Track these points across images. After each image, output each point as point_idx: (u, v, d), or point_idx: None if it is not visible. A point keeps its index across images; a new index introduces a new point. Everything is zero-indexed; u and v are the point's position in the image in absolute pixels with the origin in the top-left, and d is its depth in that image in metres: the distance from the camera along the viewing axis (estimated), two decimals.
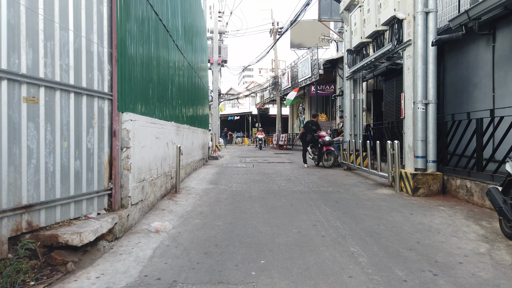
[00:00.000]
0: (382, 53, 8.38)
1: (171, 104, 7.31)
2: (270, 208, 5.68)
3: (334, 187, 7.59)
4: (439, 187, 6.63)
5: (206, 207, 5.76)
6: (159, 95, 6.22)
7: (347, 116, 11.07)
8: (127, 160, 4.50)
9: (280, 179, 8.84)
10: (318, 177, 9.11)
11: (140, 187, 4.96)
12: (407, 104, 7.09)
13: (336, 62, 22.28)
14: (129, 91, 4.66)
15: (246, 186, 7.69)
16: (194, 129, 10.37)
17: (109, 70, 4.34)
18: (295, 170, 10.89)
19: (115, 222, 4.07)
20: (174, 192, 6.93)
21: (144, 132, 5.17)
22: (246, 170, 10.74)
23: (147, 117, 5.36)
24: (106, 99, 4.28)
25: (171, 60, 7.29)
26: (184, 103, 8.92)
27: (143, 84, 5.26)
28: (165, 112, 6.67)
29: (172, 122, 7.24)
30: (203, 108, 13.22)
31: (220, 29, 22.99)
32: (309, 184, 7.97)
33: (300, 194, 6.83)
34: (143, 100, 5.25)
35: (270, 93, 34.54)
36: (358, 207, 5.76)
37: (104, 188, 4.27)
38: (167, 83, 6.93)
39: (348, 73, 10.92)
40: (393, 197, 6.58)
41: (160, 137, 6.08)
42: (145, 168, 5.23)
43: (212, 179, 8.88)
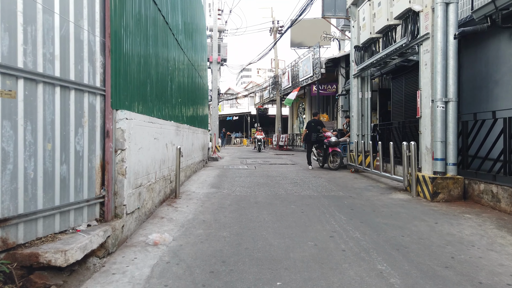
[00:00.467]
0: (395, 49, 7.90)
1: (171, 102, 6.81)
2: (279, 215, 5.18)
3: (345, 191, 7.09)
4: (460, 192, 6.14)
5: (209, 214, 5.25)
6: (158, 92, 5.72)
7: (354, 116, 10.59)
8: (122, 163, 3.99)
9: (285, 182, 8.34)
10: (326, 180, 8.62)
11: (137, 193, 4.45)
12: (424, 103, 6.60)
13: (339, 61, 21.81)
14: (124, 87, 4.16)
15: (251, 190, 7.19)
16: (194, 129, 9.87)
17: (101, 62, 3.83)
18: (300, 172, 10.39)
19: (108, 235, 3.56)
20: (173, 197, 6.42)
21: (141, 132, 4.66)
22: (249, 173, 10.24)
23: (144, 115, 4.85)
24: (98, 94, 3.78)
25: (171, 55, 6.79)
26: (184, 102, 8.41)
27: (140, 80, 4.75)
28: (164, 110, 6.16)
29: (172, 122, 6.74)
30: (203, 107, 12.71)
31: (219, 27, 22.49)
32: (318, 188, 7.48)
33: (310, 199, 6.33)
34: (140, 97, 4.74)
35: (269, 93, 34.06)
36: (375, 214, 5.26)
37: (96, 196, 3.76)
38: (167, 79, 6.43)
39: (356, 70, 10.43)
40: (410, 202, 6.09)
41: (158, 137, 5.58)
42: (142, 172, 4.73)
43: (214, 182, 8.38)
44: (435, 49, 6.24)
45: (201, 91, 12.27)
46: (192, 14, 9.74)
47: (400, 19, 7.66)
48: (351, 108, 10.91)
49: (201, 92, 12.26)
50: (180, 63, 7.86)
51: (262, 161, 14.47)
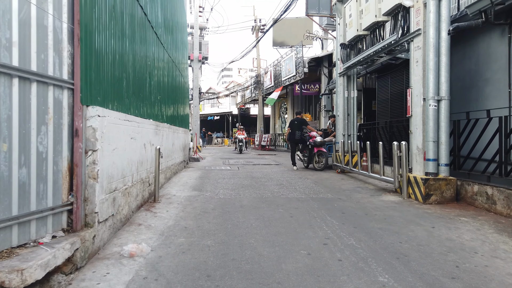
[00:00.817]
0: (383, 46, 7.67)
1: (149, 99, 6.36)
2: (267, 221, 4.83)
3: (333, 193, 6.81)
4: (452, 194, 5.94)
5: (192, 220, 4.86)
6: (135, 88, 5.28)
7: (340, 115, 10.35)
8: (94, 166, 3.56)
9: (271, 184, 8.00)
10: (313, 182, 8.32)
11: (111, 199, 4.02)
12: (415, 101, 6.38)
13: (321, 61, 21.65)
14: (96, 80, 3.72)
15: (235, 193, 6.81)
16: (174, 128, 9.42)
17: (69, 51, 3.39)
18: (285, 173, 10.08)
19: (76, 247, 3.13)
20: (152, 201, 5.99)
21: (116, 131, 4.23)
22: (232, 174, 9.85)
23: (120, 113, 4.41)
24: (65, 88, 3.33)
25: (150, 49, 6.35)
26: (164, 100, 7.97)
27: (115, 74, 4.31)
28: (142, 108, 5.72)
29: (151, 120, 6.30)
30: (184, 106, 12.25)
31: (201, 25, 21.99)
32: (305, 190, 7.17)
33: (298, 202, 6.01)
34: (115, 92, 4.30)
35: (251, 93, 33.72)
36: (368, 218, 4.98)
37: (63, 203, 3.31)
38: (145, 75, 5.99)
39: (342, 69, 10.19)
40: (402, 205, 5.84)
41: (136, 137, 5.14)
42: (118, 175, 4.29)
43: (196, 184, 7.96)
44: (427, 46, 6.02)
45: (182, 89, 11.81)
46: (172, 9, 9.30)
47: (389, 15, 7.43)
48: (336, 108, 10.67)
49: (182, 90, 11.81)
50: (160, 58, 7.41)
51: (245, 162, 14.10)
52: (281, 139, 26.02)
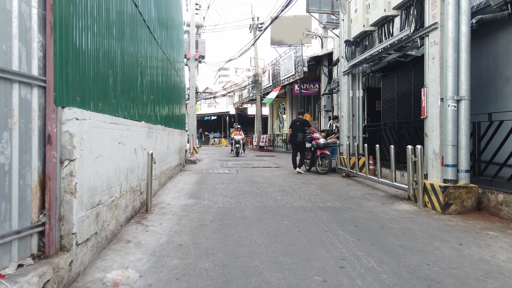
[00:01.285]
0: (393, 42, 7.14)
1: (141, 100, 5.81)
2: (272, 236, 4.29)
3: (341, 201, 6.28)
4: (473, 203, 5.42)
5: (187, 235, 4.31)
6: (124, 87, 4.72)
7: (345, 116, 9.83)
8: (71, 178, 3.00)
9: (273, 190, 7.46)
10: (317, 187, 7.79)
11: (93, 215, 3.47)
12: (431, 101, 5.86)
13: (321, 60, 21.14)
14: (75, 77, 3.17)
15: (235, 201, 6.27)
16: (169, 130, 8.86)
17: (40, 42, 2.84)
18: (287, 177, 9.54)
19: (47, 279, 2.58)
20: (144, 211, 5.44)
21: (101, 136, 3.68)
22: (231, 178, 9.31)
23: (105, 115, 3.86)
24: (35, 86, 2.79)
25: (141, 44, 5.79)
26: (158, 100, 7.41)
27: (99, 69, 3.76)
28: (132, 109, 5.17)
29: (142, 122, 5.74)
30: (180, 106, 11.69)
31: (197, 22, 21.40)
32: (310, 197, 6.64)
33: (305, 212, 5.48)
34: (99, 92, 3.75)
35: (249, 92, 33.20)
36: (385, 232, 4.45)
37: (32, 225, 2.77)
38: (136, 72, 5.43)
39: (346, 67, 9.67)
40: (420, 216, 5.32)
41: (125, 142, 4.59)
42: (102, 187, 3.74)
43: (192, 190, 7.41)
44: (446, 41, 5.50)
45: (178, 88, 11.25)
46: (167, 3, 8.73)
47: (400, 9, 6.92)
48: (340, 108, 10.15)
49: (178, 90, 11.25)
50: (153, 55, 6.86)
51: (243, 164, 13.56)
52: (280, 140, 25.51)
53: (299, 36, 23.65)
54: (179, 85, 11.66)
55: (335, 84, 14.16)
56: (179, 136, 11.10)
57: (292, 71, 21.78)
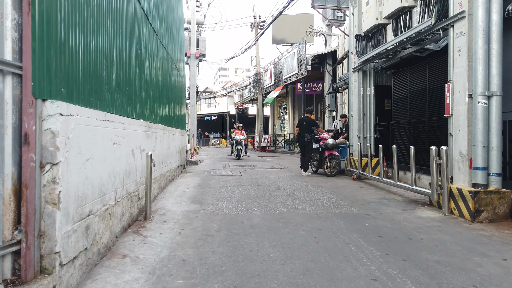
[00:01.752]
0: (411, 35, 6.64)
1: (139, 96, 5.30)
2: (288, 249, 3.78)
3: (358, 207, 5.77)
4: (506, 210, 4.92)
5: (191, 248, 3.80)
6: (120, 80, 4.21)
7: (355, 115, 9.32)
8: (53, 186, 2.50)
9: (282, 194, 6.95)
10: (328, 191, 7.28)
11: (82, 228, 2.96)
12: (457, 98, 5.35)
13: (325, 58, 20.64)
14: (59, 64, 2.66)
15: (242, 207, 5.76)
16: (170, 130, 8.35)
17: (16, 21, 2.33)
18: (294, 179, 9.03)
19: None
20: (143, 219, 4.92)
21: (92, 136, 3.17)
22: (235, 180, 8.79)
23: (97, 111, 3.35)
24: (8, 74, 2.28)
25: (140, 34, 5.29)
26: (158, 97, 6.90)
27: (90, 58, 3.25)
28: (129, 106, 4.66)
29: (141, 121, 5.23)
30: (180, 105, 11.18)
31: (198, 20, 20.89)
32: (323, 202, 6.13)
33: (320, 220, 4.97)
34: (90, 83, 3.24)
35: (250, 92, 32.71)
36: (415, 245, 3.94)
37: (4, 244, 2.26)
38: (133, 65, 4.92)
39: (356, 63, 9.17)
40: (448, 224, 4.81)
41: (121, 142, 4.08)
42: (94, 194, 3.23)
43: (195, 194, 6.89)
44: (475, 31, 4.99)
45: (179, 86, 10.74)
46: None
47: None
48: (350, 107, 9.65)
49: (179, 88, 10.74)
50: (153, 49, 6.35)
51: (247, 165, 13.04)
52: (282, 140, 25.01)
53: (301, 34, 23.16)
54: (180, 83, 11.15)
55: (342, 82, 13.66)
56: (180, 136, 10.59)
57: (295, 69, 21.28)
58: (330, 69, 20.50)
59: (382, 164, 7.35)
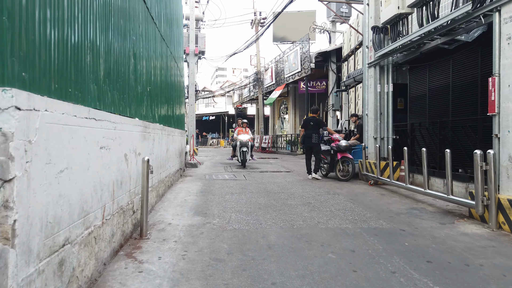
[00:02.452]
0: (443, 24, 5.88)
1: (134, 90, 4.51)
2: (319, 280, 2.99)
3: (387, 220, 5.00)
4: None
5: (198, 280, 3.01)
6: (110, 69, 3.43)
7: (370, 114, 8.56)
8: (4, 213, 1.71)
9: (295, 202, 6.16)
10: (347, 199, 6.51)
11: (53, 265, 2.17)
12: (505, 94, 4.60)
13: (329, 56, 19.91)
14: (19, 38, 1.86)
15: (253, 220, 4.97)
16: (169, 130, 7.55)
17: None
18: (304, 185, 8.25)
19: None
20: (138, 236, 4.13)
21: (69, 138, 2.38)
22: (240, 186, 8.00)
23: (78, 106, 2.56)
24: None
25: (135, 18, 4.50)
26: (156, 93, 6.11)
27: (68, 35, 2.45)
28: (123, 101, 3.87)
29: (136, 120, 4.44)
30: (180, 103, 10.38)
31: (197, 16, 20.08)
32: (345, 214, 5.35)
33: (349, 237, 4.19)
34: (67, 69, 2.45)
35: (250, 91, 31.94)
36: (477, 275, 3.16)
37: None
38: (127, 54, 4.13)
39: (373, 58, 8.40)
40: (502, 243, 4.03)
41: (110, 145, 3.28)
42: (71, 216, 2.44)
43: (197, 203, 6.10)
44: None
45: (178, 83, 9.95)
46: None
47: None
48: (365, 105, 8.88)
49: (178, 85, 9.94)
50: (150, 37, 5.56)
51: (250, 168, 12.25)
52: (284, 141, 24.24)
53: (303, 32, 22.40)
54: (179, 80, 10.35)
55: (351, 79, 12.89)
56: (180, 137, 9.79)
57: (298, 67, 20.52)
58: (334, 67, 19.76)
59: (408, 169, 6.57)
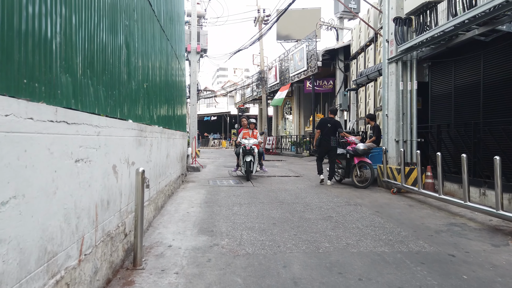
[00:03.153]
0: (484, 11, 5.10)
1: (127, 86, 3.74)
2: None
3: (427, 240, 4.21)
4: None
5: None
6: (92, 59, 2.65)
7: (391, 115, 7.77)
8: None
9: (314, 216, 5.38)
10: (372, 211, 5.72)
11: None
12: None
13: (336, 54, 19.12)
14: None
15: (269, 240, 4.19)
16: (170, 132, 6.78)
17: None
18: (319, 192, 7.46)
19: None
20: (130, 266, 3.35)
21: (17, 152, 1.60)
22: (249, 195, 7.22)
23: (38, 104, 1.78)
24: None
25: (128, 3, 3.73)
26: (155, 90, 5.34)
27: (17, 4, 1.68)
28: (109, 99, 3.09)
29: (129, 122, 3.67)
30: (181, 103, 9.60)
31: (199, 12, 19.32)
32: (376, 231, 4.56)
33: (389, 266, 3.40)
34: (19, 50, 1.67)
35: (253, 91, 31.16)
36: None
37: None
38: (117, 40, 3.36)
39: (395, 52, 7.61)
40: None
41: (92, 156, 2.51)
42: (23, 268, 1.65)
43: (202, 217, 5.32)
44: None
45: (180, 81, 9.17)
46: None
47: None
48: (384, 105, 8.10)
49: (180, 82, 9.17)
50: (146, 24, 4.78)
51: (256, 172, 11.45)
52: (289, 142, 23.46)
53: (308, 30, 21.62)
54: (181, 78, 9.57)
55: (364, 77, 12.11)
56: (181, 139, 9.02)
57: (304, 66, 19.73)
58: (342, 65, 18.98)
59: (442, 177, 5.77)
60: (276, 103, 23.12)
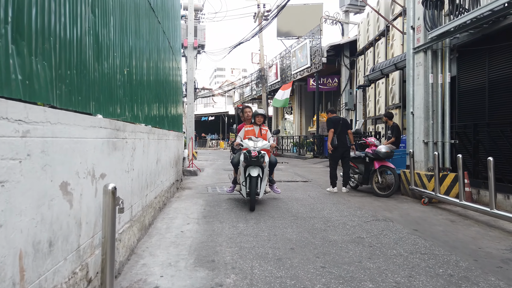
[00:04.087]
0: None
1: (96, 67, 2.67)
2: None
3: (499, 276, 3.16)
4: None
5: None
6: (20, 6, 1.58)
7: (418, 112, 6.72)
8: None
9: (341, 238, 4.31)
10: (409, 229, 4.66)
11: None
12: None
13: (341, 49, 18.07)
14: None
15: (290, 277, 3.12)
16: (161, 133, 5.70)
17: None
18: (337, 203, 6.40)
19: None
20: None
21: None
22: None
23: None
24: None
25: None
26: (141, 80, 4.26)
27: None
28: (58, 81, 2.02)
29: (98, 117, 2.59)
30: (176, 101, 8.52)
31: (196, 5, 18.26)
32: (427, 262, 3.51)
33: None
34: None
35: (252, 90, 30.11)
36: None
37: None
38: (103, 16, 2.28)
39: (425, 39, 6.57)
40: None
41: (6, 176, 1.43)
42: None
43: (200, 238, 4.24)
44: None
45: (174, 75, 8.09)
46: None
47: None
48: (409, 101, 7.05)
49: (174, 77, 8.09)
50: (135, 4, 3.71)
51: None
52: (290, 143, 22.42)
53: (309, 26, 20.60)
54: (176, 70, 8.49)
55: (377, 72, 11.07)
56: (176, 141, 7.94)
57: (307, 63, 18.69)
58: (347, 62, 17.95)
59: (494, 188, 4.71)
60: (281, 104, 21.95)
